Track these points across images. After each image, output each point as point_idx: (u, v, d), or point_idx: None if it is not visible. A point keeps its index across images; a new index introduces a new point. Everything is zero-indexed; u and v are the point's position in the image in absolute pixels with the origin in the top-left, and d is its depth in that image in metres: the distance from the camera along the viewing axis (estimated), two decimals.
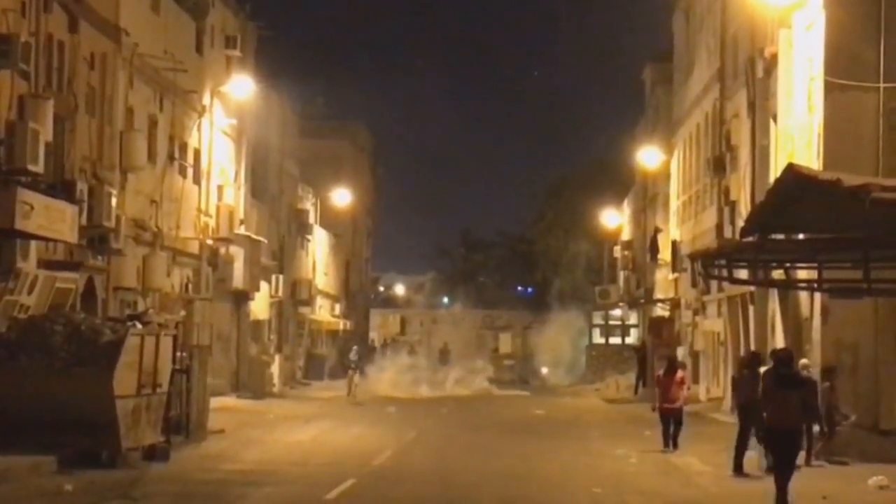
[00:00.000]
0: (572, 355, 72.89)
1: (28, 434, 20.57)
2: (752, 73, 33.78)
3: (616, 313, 71.73)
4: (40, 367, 21.15)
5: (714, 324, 41.69)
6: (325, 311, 68.68)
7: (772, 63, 31.33)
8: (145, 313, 25.67)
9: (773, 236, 22.26)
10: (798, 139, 28.51)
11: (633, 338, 68.33)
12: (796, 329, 29.25)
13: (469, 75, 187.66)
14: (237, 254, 43.25)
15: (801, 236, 22.89)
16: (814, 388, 22.38)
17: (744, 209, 33.77)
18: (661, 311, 54.39)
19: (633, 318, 69.56)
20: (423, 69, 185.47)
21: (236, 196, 44.43)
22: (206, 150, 40.64)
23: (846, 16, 26.19)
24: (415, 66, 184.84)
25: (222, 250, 41.59)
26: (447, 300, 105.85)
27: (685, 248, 44.42)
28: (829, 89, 26.24)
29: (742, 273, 24.41)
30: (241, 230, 44.33)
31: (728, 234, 35.72)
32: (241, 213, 44.74)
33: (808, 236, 22.47)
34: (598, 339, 72.26)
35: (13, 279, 25.10)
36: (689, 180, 47.09)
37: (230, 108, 42.80)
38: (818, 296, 25.85)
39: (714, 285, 37.74)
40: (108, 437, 21.01)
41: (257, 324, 49.46)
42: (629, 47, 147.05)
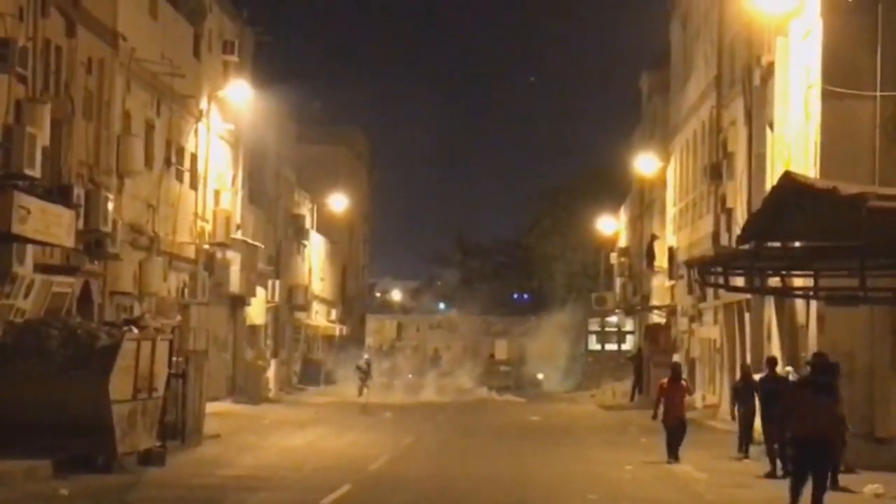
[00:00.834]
0: (568, 362, 72.93)
1: (23, 438, 20.50)
2: (748, 81, 33.81)
3: (612, 320, 71.69)
4: (36, 372, 21.11)
5: (710, 331, 41.69)
6: (321, 317, 68.68)
7: (769, 71, 31.34)
8: (141, 318, 25.59)
9: (770, 244, 22.30)
10: (795, 147, 28.53)
11: (629, 344, 68.26)
12: (792, 336, 29.26)
13: (465, 82, 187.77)
14: (234, 259, 43.21)
15: (798, 244, 22.92)
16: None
17: (740, 217, 33.80)
18: (658, 317, 54.38)
19: (629, 324, 69.51)
20: (419, 76, 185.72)
21: (233, 201, 44.42)
22: (203, 154, 40.61)
23: (843, 24, 26.18)
24: (412, 73, 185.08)
25: (219, 255, 41.56)
26: (443, 306, 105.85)
27: (682, 256, 44.44)
28: (826, 97, 26.22)
29: (738, 280, 24.40)
30: (238, 235, 44.30)
31: (724, 242, 35.76)
32: (237, 218, 44.70)
33: (804, 244, 22.50)
34: (595, 345, 72.29)
35: (9, 283, 25.05)
36: (686, 187, 47.11)
37: (227, 113, 42.78)
38: (814, 304, 25.83)
39: (710, 292, 37.71)
40: (104, 442, 20.96)
41: (253, 329, 49.46)
42: (626, 55, 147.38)
